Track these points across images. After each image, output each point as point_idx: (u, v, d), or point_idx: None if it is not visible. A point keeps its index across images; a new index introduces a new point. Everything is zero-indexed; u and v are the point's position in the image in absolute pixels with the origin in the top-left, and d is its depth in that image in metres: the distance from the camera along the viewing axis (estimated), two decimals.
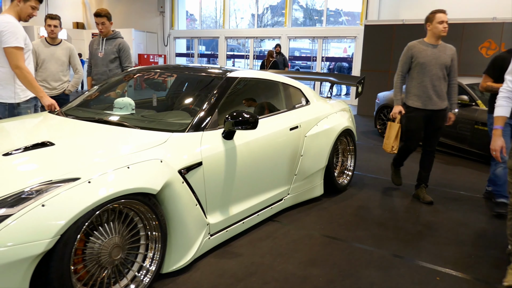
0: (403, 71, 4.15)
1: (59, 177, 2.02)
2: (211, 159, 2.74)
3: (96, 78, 4.76)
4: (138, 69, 3.84)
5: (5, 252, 1.72)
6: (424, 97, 3.97)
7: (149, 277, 2.33)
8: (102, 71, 4.74)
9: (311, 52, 16.54)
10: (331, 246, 3.11)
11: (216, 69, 3.52)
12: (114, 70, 4.77)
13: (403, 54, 4.13)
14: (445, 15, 3.98)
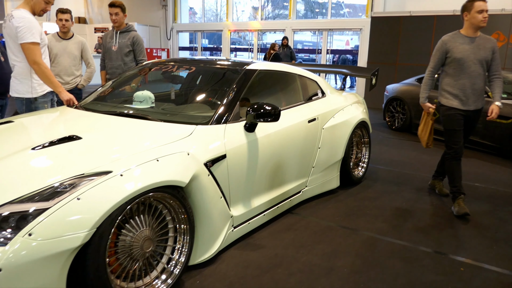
0: (435, 68, 3.76)
1: (91, 171, 2.02)
2: (234, 151, 2.74)
3: (110, 72, 4.74)
4: (153, 62, 3.83)
5: (44, 245, 1.72)
6: (461, 97, 3.61)
7: (179, 268, 2.34)
8: (117, 65, 4.72)
9: (313, 45, 16.47)
10: (352, 238, 3.12)
11: (234, 62, 3.51)
12: (129, 63, 4.76)
13: (436, 49, 3.70)
14: (485, 3, 3.54)
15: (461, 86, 3.61)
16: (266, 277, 2.53)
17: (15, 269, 1.67)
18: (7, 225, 1.76)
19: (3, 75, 3.92)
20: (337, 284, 2.49)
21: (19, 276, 1.68)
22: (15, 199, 1.83)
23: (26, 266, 1.69)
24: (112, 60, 4.76)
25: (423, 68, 9.41)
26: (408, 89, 7.30)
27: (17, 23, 3.26)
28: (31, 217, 1.77)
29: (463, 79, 3.59)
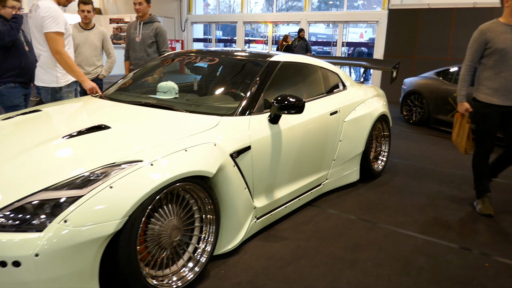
0: (473, 61, 3.41)
1: (122, 160, 2.04)
2: (258, 143, 2.74)
3: (134, 63, 4.77)
4: (175, 53, 3.84)
5: (79, 232, 1.75)
6: (502, 91, 3.29)
7: (205, 257, 2.36)
8: (140, 56, 4.74)
9: (327, 37, 16.31)
10: (374, 231, 3.11)
11: (257, 53, 3.50)
12: (152, 55, 4.77)
13: (473, 39, 3.37)
14: None
15: (502, 79, 3.29)
16: (290, 269, 2.55)
17: (51, 254, 1.70)
18: (42, 211, 1.79)
19: (28, 64, 3.99)
20: (361, 277, 2.49)
21: (54, 261, 1.72)
22: (49, 186, 1.87)
23: (62, 252, 1.73)
24: (136, 51, 4.77)
25: (441, 62, 9.34)
26: (427, 82, 7.21)
27: (43, 13, 3.29)
28: (65, 204, 1.80)
29: (506, 71, 3.27)
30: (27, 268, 1.68)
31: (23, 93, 4.03)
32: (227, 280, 2.40)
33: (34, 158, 2.09)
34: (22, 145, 2.22)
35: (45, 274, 1.71)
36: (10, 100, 3.90)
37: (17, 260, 1.67)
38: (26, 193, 1.83)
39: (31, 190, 1.84)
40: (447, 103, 6.65)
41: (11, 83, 3.91)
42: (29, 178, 1.92)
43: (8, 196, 1.82)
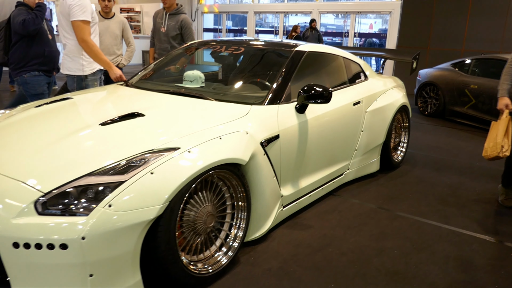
0: None
1: (160, 147, 2.08)
2: (286, 132, 2.76)
3: (159, 53, 4.77)
4: (200, 42, 3.86)
5: (123, 216, 1.80)
6: None
7: (237, 242, 2.41)
8: (164, 47, 4.74)
9: (337, 28, 16.18)
10: (398, 221, 3.13)
11: (282, 43, 3.51)
12: (176, 47, 4.77)
13: None
14: None
15: None
16: (318, 256, 2.58)
17: (97, 238, 1.75)
18: (85, 196, 1.83)
19: (51, 52, 4.02)
20: (389, 265, 2.52)
21: (100, 245, 1.76)
22: (92, 172, 1.90)
23: (107, 236, 1.77)
24: (161, 41, 4.77)
25: (456, 54, 9.26)
26: (443, 74, 7.16)
27: (70, 1, 3.32)
28: (108, 189, 1.84)
29: None
30: (73, 250, 1.73)
31: (47, 81, 4.07)
32: (257, 266, 2.44)
33: (74, 144, 2.13)
34: (60, 132, 2.27)
35: (90, 257, 1.75)
36: (34, 88, 3.94)
37: (64, 243, 1.72)
38: (69, 178, 1.87)
39: (74, 175, 1.88)
40: (463, 95, 6.61)
41: (35, 71, 3.94)
42: (71, 164, 1.96)
43: (52, 181, 1.86)
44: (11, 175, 1.91)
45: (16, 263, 1.76)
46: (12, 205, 1.79)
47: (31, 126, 2.42)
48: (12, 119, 2.54)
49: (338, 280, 2.34)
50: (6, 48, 3.95)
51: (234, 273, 2.35)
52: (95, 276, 1.78)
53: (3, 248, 1.74)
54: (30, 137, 2.25)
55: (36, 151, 2.08)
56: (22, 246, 1.73)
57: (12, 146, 2.18)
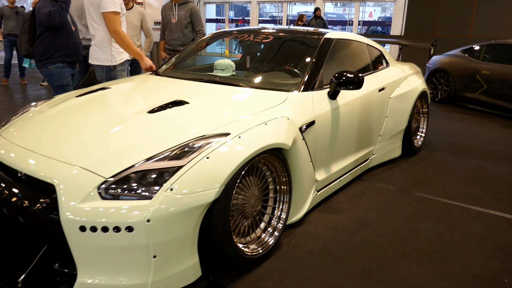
0: None
1: (210, 132, 2.13)
2: (321, 118, 2.82)
3: (171, 44, 4.84)
4: (225, 31, 3.89)
5: (184, 199, 1.86)
6: None
7: (281, 223, 2.48)
8: (176, 37, 4.82)
9: (337, 17, 16.17)
10: (427, 203, 3.21)
11: (309, 31, 3.55)
12: (188, 35, 4.84)
13: None
14: None
15: None
16: (356, 237, 2.66)
17: (161, 220, 1.81)
18: (145, 181, 1.89)
19: (75, 44, 4.04)
20: (426, 245, 2.60)
21: (163, 227, 1.83)
22: (150, 157, 1.96)
23: (169, 218, 1.83)
24: (172, 32, 4.85)
25: (463, 40, 9.28)
26: (453, 60, 7.21)
27: None
28: (167, 174, 1.90)
29: None
30: (139, 233, 1.79)
31: (71, 72, 4.09)
32: (300, 248, 2.52)
33: (127, 132, 2.19)
34: (110, 120, 2.32)
35: (154, 239, 1.82)
36: (59, 80, 3.97)
37: (130, 225, 1.78)
38: (128, 164, 1.93)
39: (133, 161, 1.94)
40: (475, 81, 6.67)
41: (60, 63, 3.97)
42: (128, 150, 2.02)
43: (112, 167, 1.92)
44: (72, 162, 1.96)
45: (83, 246, 1.82)
46: (76, 191, 1.85)
47: (79, 115, 2.48)
48: (57, 109, 2.59)
49: (380, 260, 2.41)
50: (30, 40, 3.96)
51: (279, 255, 2.43)
52: (158, 257, 1.85)
53: (69, 231, 1.80)
54: (82, 126, 2.31)
55: (92, 138, 2.13)
56: (88, 230, 1.79)
57: (66, 134, 2.23)
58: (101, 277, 1.84)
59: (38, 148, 2.12)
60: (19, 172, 2.08)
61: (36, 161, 2.02)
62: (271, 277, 2.22)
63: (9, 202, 2.00)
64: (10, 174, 2.15)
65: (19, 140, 2.24)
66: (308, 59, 3.10)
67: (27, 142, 2.20)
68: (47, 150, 2.08)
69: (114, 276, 1.85)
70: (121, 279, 1.85)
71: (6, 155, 2.17)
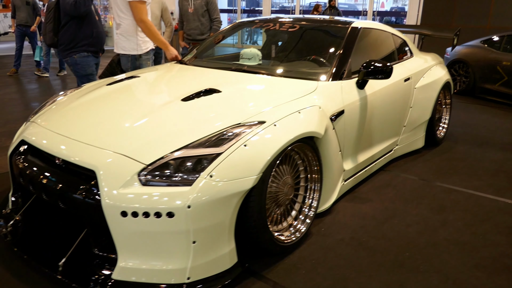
0: None
1: (246, 120, 2.14)
2: (350, 107, 2.81)
3: (190, 33, 4.85)
4: (249, 21, 3.87)
5: (223, 186, 1.87)
6: None
7: (312, 211, 2.49)
8: (195, 26, 4.83)
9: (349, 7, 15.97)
10: (453, 194, 3.20)
11: (335, 20, 3.53)
12: (205, 23, 4.84)
13: None
14: None
15: None
16: (385, 227, 2.66)
17: (201, 206, 1.83)
18: (184, 167, 1.91)
19: (99, 33, 4.06)
20: (456, 235, 2.59)
21: (203, 213, 1.84)
22: (188, 144, 1.98)
23: (209, 205, 1.85)
24: (190, 21, 4.86)
25: (481, 31, 9.14)
26: (473, 51, 7.11)
27: None
28: (206, 161, 1.91)
29: None
30: (179, 218, 1.81)
31: (95, 62, 4.11)
32: (330, 236, 2.53)
33: (162, 119, 2.20)
34: (144, 108, 2.34)
35: (194, 224, 1.84)
36: (84, 69, 3.99)
37: (171, 211, 1.80)
38: (167, 151, 1.95)
39: (172, 148, 1.96)
40: (495, 72, 6.58)
41: (84, 52, 3.99)
42: (166, 138, 2.04)
43: (151, 154, 1.94)
44: (111, 148, 1.99)
45: (123, 231, 1.85)
46: (116, 177, 1.88)
47: (112, 102, 2.50)
48: (89, 97, 2.61)
49: (411, 249, 2.42)
50: (55, 29, 3.99)
51: (310, 243, 2.44)
52: (198, 243, 1.87)
53: (111, 217, 1.83)
54: (117, 113, 2.33)
55: (128, 125, 2.16)
56: (130, 215, 1.81)
57: (103, 121, 2.26)
58: (142, 262, 1.87)
59: (76, 135, 2.14)
60: (57, 159, 2.11)
61: (76, 148, 2.05)
62: (304, 264, 2.24)
63: (49, 188, 2.04)
64: (46, 161, 2.19)
65: (56, 127, 2.27)
66: (336, 48, 3.08)
67: (64, 129, 2.23)
68: (86, 137, 2.11)
69: (153, 260, 1.88)
70: (160, 263, 1.88)
71: (45, 142, 2.20)
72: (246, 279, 2.09)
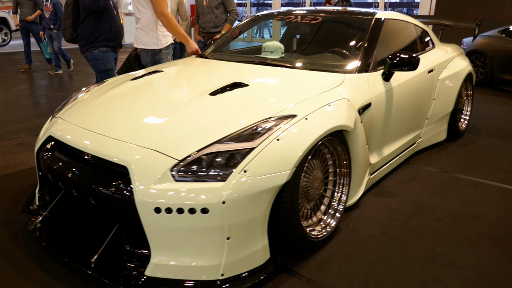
0: None
1: (277, 114, 2.10)
2: (376, 100, 2.76)
3: (204, 26, 4.84)
4: (269, 13, 3.82)
5: (257, 181, 1.84)
6: None
7: (342, 205, 2.46)
8: (209, 19, 4.80)
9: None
10: (481, 187, 3.14)
11: (358, 11, 3.47)
12: (220, 16, 4.81)
13: None
14: None
15: None
16: (415, 222, 2.62)
17: (235, 202, 1.80)
18: (217, 163, 1.88)
19: (118, 28, 4.03)
20: (488, 229, 2.54)
21: (237, 209, 1.82)
22: (220, 139, 1.95)
23: (243, 200, 1.82)
24: (204, 14, 4.84)
25: (496, 21, 8.96)
26: (491, 41, 6.98)
27: None
28: (239, 156, 1.88)
29: None
30: (214, 214, 1.79)
31: (114, 57, 4.09)
32: (359, 231, 2.49)
33: (192, 114, 2.18)
34: (172, 102, 2.32)
35: (228, 220, 1.81)
36: (104, 64, 3.98)
37: (206, 207, 1.78)
38: (199, 146, 1.92)
39: (204, 143, 1.93)
40: None
41: (103, 47, 3.97)
42: (197, 133, 2.01)
43: (183, 150, 1.91)
44: (142, 144, 1.96)
45: (157, 227, 1.83)
46: (149, 173, 1.85)
47: (139, 97, 2.48)
48: (114, 92, 2.59)
49: (444, 244, 2.37)
50: (74, 24, 3.97)
51: (339, 238, 2.41)
52: (232, 239, 1.84)
53: (144, 213, 1.81)
54: (145, 108, 2.30)
55: (158, 121, 2.14)
56: (163, 211, 1.79)
57: (131, 117, 2.24)
58: (175, 258, 1.86)
59: (105, 130, 2.13)
60: (86, 154, 2.10)
61: (107, 144, 2.03)
62: (336, 260, 2.21)
63: (80, 184, 2.03)
64: (75, 157, 2.18)
65: (84, 123, 2.26)
66: (361, 40, 3.02)
67: (93, 125, 2.21)
68: (115, 132, 2.09)
69: (187, 257, 1.86)
70: (194, 260, 1.86)
71: (73, 138, 2.19)
72: (279, 275, 2.07)
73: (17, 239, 2.36)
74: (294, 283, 2.02)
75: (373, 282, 2.04)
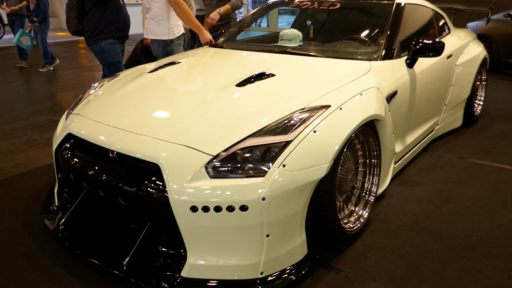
0: None
1: (310, 105, 2.02)
2: (402, 87, 2.69)
3: None
4: (280, 1, 3.71)
5: (296, 175, 1.77)
6: None
7: (372, 197, 2.40)
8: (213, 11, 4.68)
9: None
10: (505, 173, 3.09)
11: None
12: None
13: None
14: None
15: None
16: (444, 211, 2.57)
17: (275, 198, 1.73)
18: (253, 157, 1.80)
19: (124, 18, 3.90)
20: None
21: (277, 205, 1.74)
22: (254, 133, 1.86)
23: (283, 196, 1.75)
24: (210, 6, 4.72)
25: (499, 5, 8.86)
26: (496, 25, 6.90)
27: None
28: (275, 149, 1.80)
29: None
30: (253, 212, 1.71)
31: (121, 48, 3.97)
32: (390, 222, 2.44)
33: (220, 107, 2.09)
34: (198, 95, 2.22)
35: (268, 217, 1.74)
36: (111, 56, 3.85)
37: (245, 204, 1.70)
38: (233, 140, 1.83)
39: (238, 137, 1.84)
40: None
41: (111, 38, 3.84)
42: (229, 126, 1.92)
43: (217, 145, 1.82)
44: (173, 140, 1.87)
45: (193, 226, 1.76)
46: (183, 170, 1.77)
47: (160, 91, 2.38)
48: (133, 86, 2.48)
49: (478, 233, 2.33)
50: (79, 16, 3.83)
51: (372, 230, 2.35)
52: (271, 236, 1.78)
53: (179, 212, 1.74)
54: (169, 102, 2.21)
55: (185, 115, 2.04)
56: (200, 210, 1.72)
57: (155, 111, 2.15)
58: (212, 258, 1.79)
59: (130, 126, 2.03)
60: (111, 152, 2.01)
61: (134, 141, 1.94)
62: (372, 252, 2.15)
63: (107, 183, 1.94)
64: (98, 155, 2.09)
65: (105, 119, 2.16)
66: (383, 26, 2.93)
67: (115, 121, 2.11)
68: (141, 128, 2.00)
69: (225, 256, 1.79)
70: (232, 259, 1.79)
71: (96, 135, 2.09)
72: (316, 271, 2.01)
73: (39, 242, 2.28)
74: (333, 278, 1.97)
75: (414, 275, 1.99)
